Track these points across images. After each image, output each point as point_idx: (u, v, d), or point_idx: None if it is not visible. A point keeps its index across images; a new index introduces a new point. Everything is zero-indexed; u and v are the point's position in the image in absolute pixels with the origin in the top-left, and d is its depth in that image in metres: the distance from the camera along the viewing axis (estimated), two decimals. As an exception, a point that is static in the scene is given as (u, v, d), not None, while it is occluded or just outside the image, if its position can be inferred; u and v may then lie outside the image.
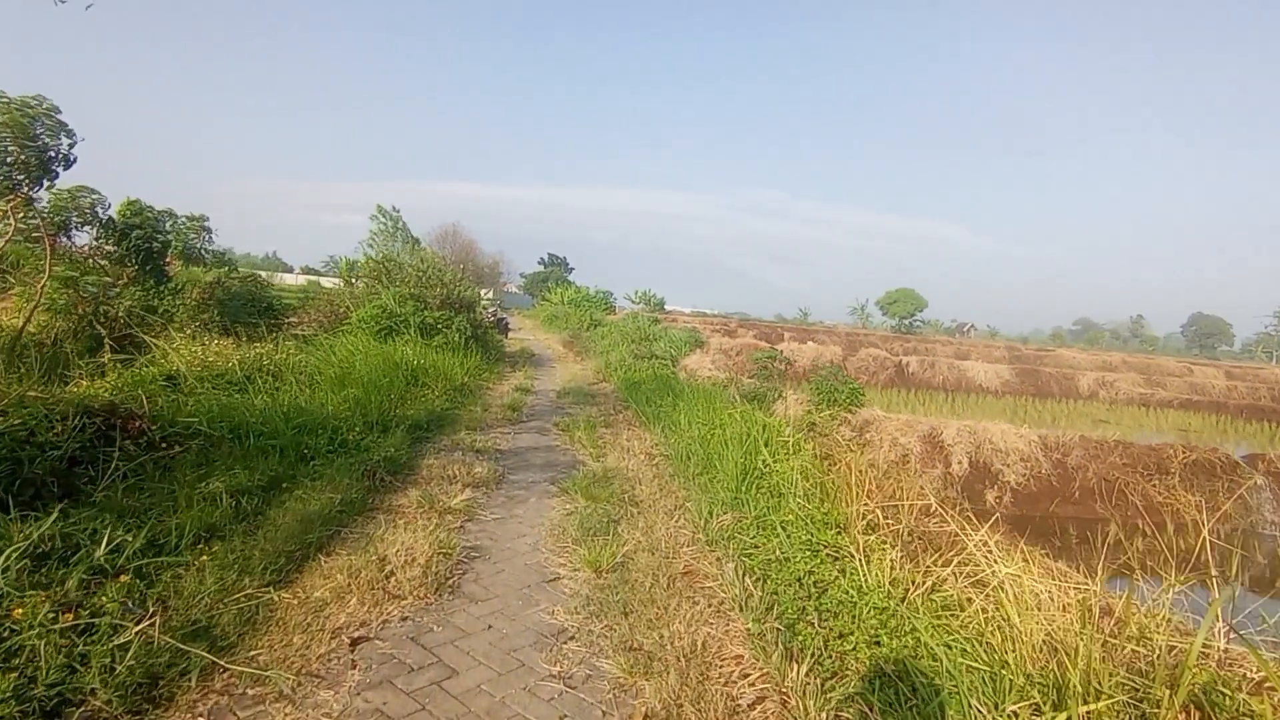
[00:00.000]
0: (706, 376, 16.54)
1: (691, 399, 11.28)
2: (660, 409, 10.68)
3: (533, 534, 5.53)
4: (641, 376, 15.56)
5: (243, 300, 14.29)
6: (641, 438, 9.51)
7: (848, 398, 9.98)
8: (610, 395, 13.76)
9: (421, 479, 6.59)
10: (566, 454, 8.49)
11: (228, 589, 3.73)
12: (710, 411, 9.86)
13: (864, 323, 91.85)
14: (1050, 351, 43.13)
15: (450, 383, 11.68)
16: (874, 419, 9.90)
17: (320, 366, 10.16)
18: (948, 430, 9.50)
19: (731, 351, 23.76)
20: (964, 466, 9.21)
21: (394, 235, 34.74)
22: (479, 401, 11.43)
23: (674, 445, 8.51)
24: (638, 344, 23.09)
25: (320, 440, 6.71)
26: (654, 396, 12.02)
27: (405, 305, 15.27)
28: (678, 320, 41.74)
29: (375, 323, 14.32)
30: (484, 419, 10.10)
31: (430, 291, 16.50)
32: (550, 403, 12.56)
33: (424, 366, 11.63)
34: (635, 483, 7.12)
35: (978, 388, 24.07)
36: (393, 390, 9.51)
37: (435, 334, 15.03)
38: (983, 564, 3.89)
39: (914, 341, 40.26)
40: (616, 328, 27.55)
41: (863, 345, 31.32)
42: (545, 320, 41.48)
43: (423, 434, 8.37)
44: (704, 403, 10.81)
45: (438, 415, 9.41)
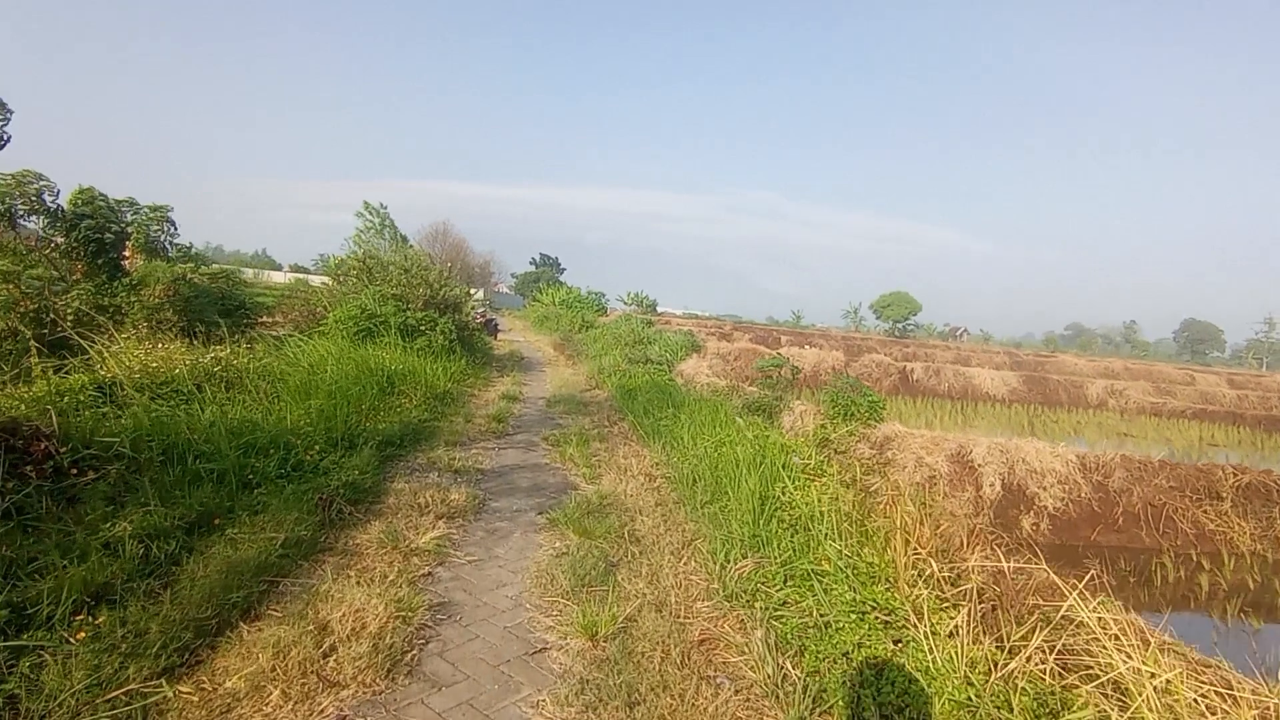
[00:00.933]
0: (705, 383, 15.66)
1: (694, 410, 10.39)
2: (660, 421, 9.78)
3: (515, 582, 4.61)
4: (637, 383, 14.66)
5: (210, 299, 13.29)
6: (640, 455, 8.61)
7: (867, 411, 9.10)
8: (604, 404, 12.85)
9: (388, 508, 5.66)
10: (556, 474, 7.57)
11: (103, 683, 2.80)
12: (716, 426, 8.97)
13: (857, 326, 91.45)
14: (1050, 357, 42.52)
15: (430, 390, 10.74)
16: (895, 435, 9.02)
17: (286, 372, 9.21)
18: (978, 449, 8.63)
19: (730, 356, 22.86)
20: (996, 489, 8.34)
21: (381, 233, 33.59)
22: (462, 411, 10.50)
23: (678, 466, 7.61)
24: (632, 348, 22.19)
25: (270, 462, 5.76)
26: (652, 406, 11.12)
27: (386, 305, 14.32)
28: (671, 323, 40.83)
29: (353, 324, 13.37)
30: (466, 432, 9.17)
31: (413, 291, 15.54)
32: (539, 412, 11.63)
33: (402, 372, 10.69)
34: (635, 512, 6.21)
35: (984, 395, 23.28)
36: (364, 400, 8.57)
37: (418, 336, 14.09)
38: (1098, 646, 3.00)
39: (913, 346, 39.52)
40: (609, 330, 26.64)
41: (864, 351, 30.53)
42: (536, 321, 40.51)
43: (395, 451, 7.43)
44: (708, 415, 9.93)
45: (414, 428, 8.47)
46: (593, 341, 24.01)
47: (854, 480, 6.77)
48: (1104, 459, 8.73)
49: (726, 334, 36.40)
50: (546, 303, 43.70)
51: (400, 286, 15.48)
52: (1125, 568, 7.42)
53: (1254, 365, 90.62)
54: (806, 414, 11.69)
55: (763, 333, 40.32)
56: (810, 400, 16.89)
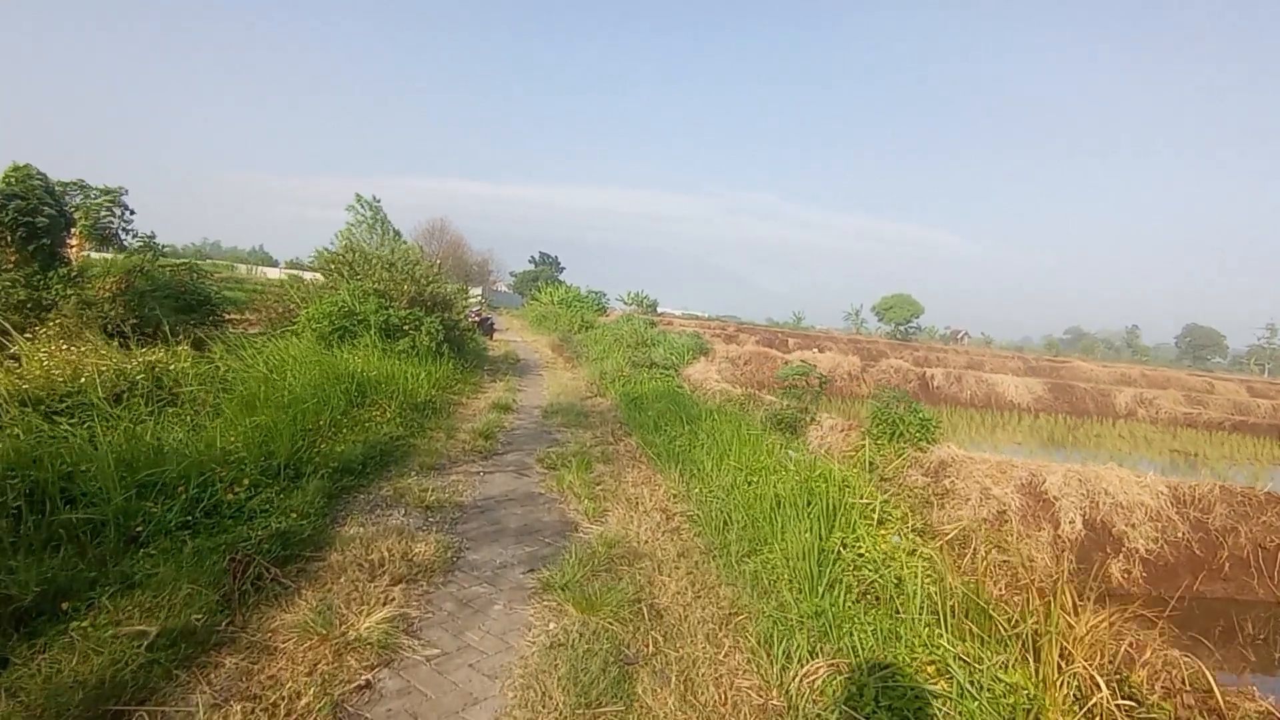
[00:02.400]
0: (717, 390, 14.30)
1: (712, 426, 9.03)
2: (674, 440, 8.41)
3: (492, 696, 3.23)
4: (643, 390, 13.30)
5: (168, 293, 11.92)
6: (652, 482, 7.24)
7: (918, 431, 7.75)
8: (608, 415, 11.47)
9: (329, 569, 4.29)
10: (553, 509, 6.20)
11: None
12: (741, 446, 7.61)
13: (858, 328, 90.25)
14: (1064, 362, 41.17)
15: (409, 400, 9.35)
16: (953, 460, 7.66)
17: (235, 381, 7.84)
18: (1052, 477, 7.27)
19: (739, 360, 21.50)
20: (1077, 527, 6.99)
21: (373, 227, 31.96)
22: (445, 424, 9.11)
23: (701, 501, 6.24)
24: (635, 350, 20.83)
25: (174, 506, 4.37)
26: (663, 420, 9.76)
27: (367, 302, 12.94)
28: (673, 323, 39.45)
29: (328, 322, 11.98)
30: (447, 451, 7.79)
31: (398, 287, 14.15)
32: (534, 425, 10.24)
33: (376, 379, 9.30)
34: (653, 568, 4.84)
35: (1008, 404, 21.91)
36: (323, 414, 7.18)
37: (400, 337, 12.71)
38: None
39: (923, 350, 38.14)
40: (610, 331, 25.27)
41: (876, 355, 29.22)
42: (534, 321, 39.09)
43: (354, 482, 6.04)
44: (729, 432, 8.57)
45: (384, 448, 7.09)
46: (593, 343, 22.63)
47: (915, 521, 5.42)
48: (1199, 490, 7.38)
49: (731, 336, 35.03)
50: (545, 302, 42.28)
51: (383, 282, 14.10)
52: (1252, 630, 6.06)
53: (1255, 371, 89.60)
54: (836, 429, 10.33)
55: (768, 335, 38.92)
56: (837, 412, 15.49)
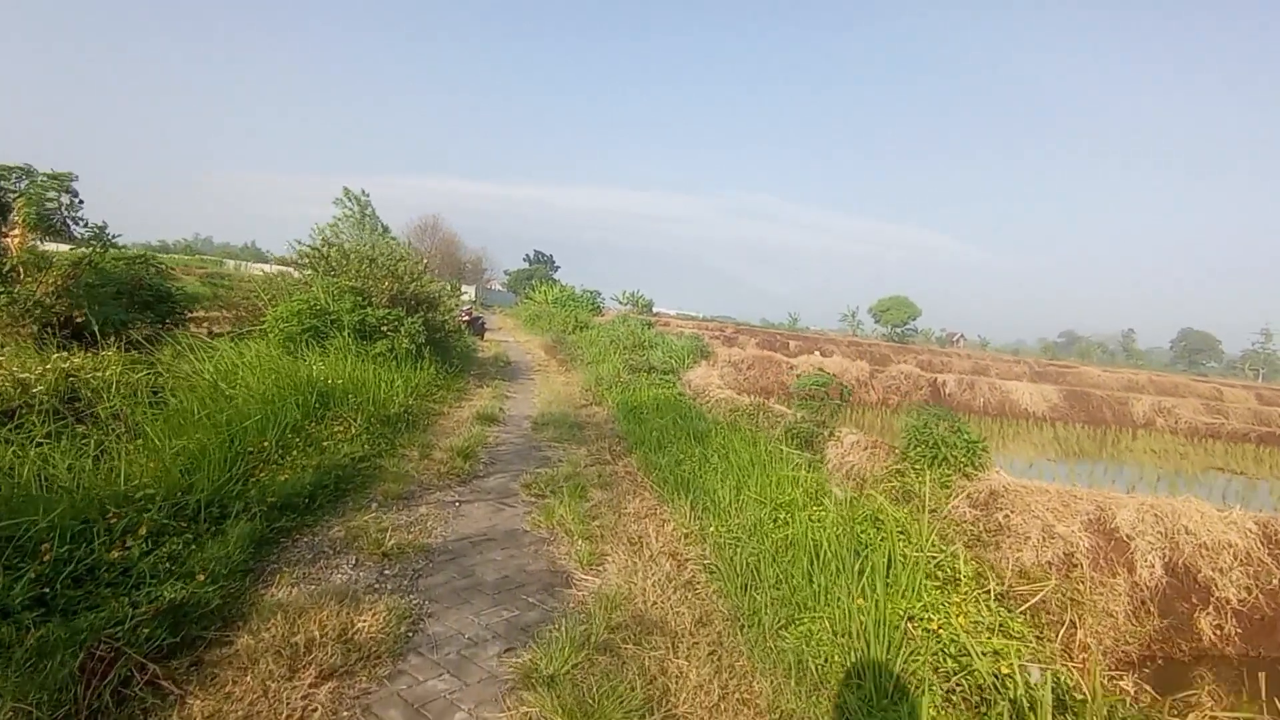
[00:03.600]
0: (722, 399, 13.25)
1: (724, 444, 7.98)
2: (681, 462, 7.35)
3: None
4: (642, 399, 12.24)
5: (120, 289, 10.79)
6: (658, 515, 6.18)
7: (965, 455, 6.70)
8: (604, 427, 10.40)
9: (235, 661, 3.20)
10: (540, 553, 5.12)
11: None
12: (763, 474, 6.57)
13: (855, 330, 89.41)
14: (1071, 367, 40.29)
15: (380, 411, 8.26)
16: (1005, 489, 6.61)
17: (179, 389, 6.75)
18: (1123, 513, 6.23)
19: (741, 365, 20.45)
20: (1157, 573, 5.95)
21: (361, 222, 30.87)
22: (420, 439, 8.03)
23: (720, 547, 5.17)
24: (631, 352, 19.77)
25: (23, 576, 3.28)
26: (667, 437, 8.70)
27: (342, 300, 11.84)
28: (670, 324, 38.36)
29: (297, 322, 10.88)
30: (419, 474, 6.71)
31: (377, 284, 13.04)
32: (522, 439, 9.17)
33: (343, 387, 8.20)
34: (666, 649, 3.77)
35: (1022, 412, 20.93)
36: (270, 432, 6.07)
37: (377, 339, 11.62)
38: None
39: (926, 354, 37.13)
40: (606, 332, 24.20)
41: (880, 358, 28.23)
42: (527, 320, 37.96)
43: (296, 520, 4.96)
44: (744, 451, 7.52)
45: (342, 473, 5.99)
46: (588, 345, 21.55)
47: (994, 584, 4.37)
48: (1291, 527, 6.35)
49: (730, 338, 33.94)
50: (539, 301, 41.16)
51: (362, 278, 12.99)
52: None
53: (1250, 376, 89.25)
54: (859, 446, 9.29)
55: (767, 336, 37.84)
56: (848, 422, 14.45)
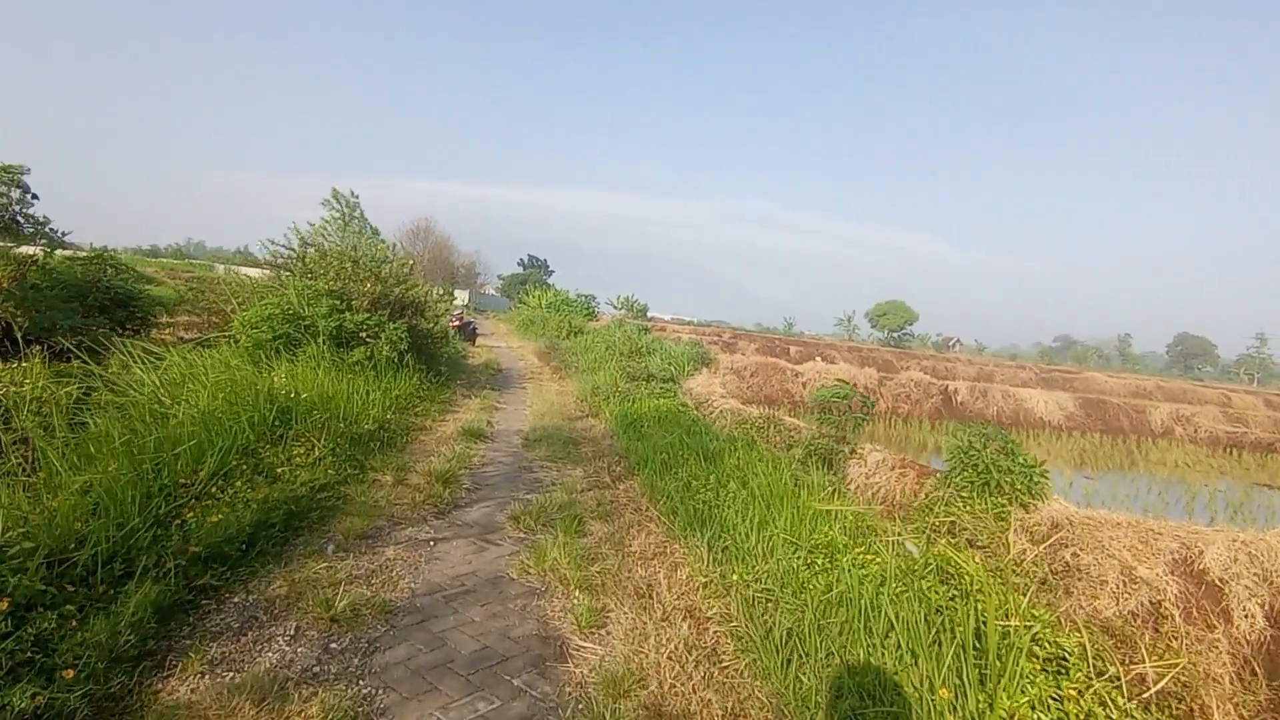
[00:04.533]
0: (727, 409, 12.35)
1: (739, 466, 7.07)
2: (692, 489, 6.44)
3: None
4: (642, 410, 11.32)
5: (74, 291, 9.83)
6: (669, 554, 5.26)
7: (1023, 483, 5.80)
8: (602, 443, 9.48)
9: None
10: (527, 612, 4.19)
11: None
12: (789, 504, 5.66)
13: (851, 334, 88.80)
14: (1077, 374, 39.47)
15: (352, 428, 7.31)
16: (1067, 520, 5.70)
17: (110, 407, 5.81)
18: (1212, 550, 5.33)
19: (744, 372, 19.54)
20: (1258, 624, 5.05)
21: (349, 225, 29.62)
22: (396, 460, 7.09)
23: (748, 603, 4.25)
24: (628, 359, 18.86)
25: None
26: (673, 456, 7.78)
27: (318, 304, 10.90)
28: (666, 329, 37.45)
29: (268, 328, 9.94)
30: (389, 506, 5.77)
31: (359, 287, 12.09)
32: (511, 458, 8.24)
33: (309, 401, 7.24)
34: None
35: (1037, 421, 20.07)
36: (210, 459, 5.12)
37: (356, 346, 10.68)
38: None
39: (930, 360, 36.29)
40: (602, 337, 23.29)
41: (881, 364, 27.38)
42: (520, 325, 37.03)
43: (225, 573, 4.01)
44: (764, 474, 6.61)
45: (295, 507, 5.06)
46: (583, 351, 20.64)
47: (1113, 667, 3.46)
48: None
49: (729, 343, 33.03)
50: (533, 305, 40.19)
51: (342, 280, 12.03)
52: None
53: (1245, 380, 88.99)
54: (885, 466, 8.40)
55: (766, 342, 36.95)
56: (870, 438, 13.58)
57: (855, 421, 8.84)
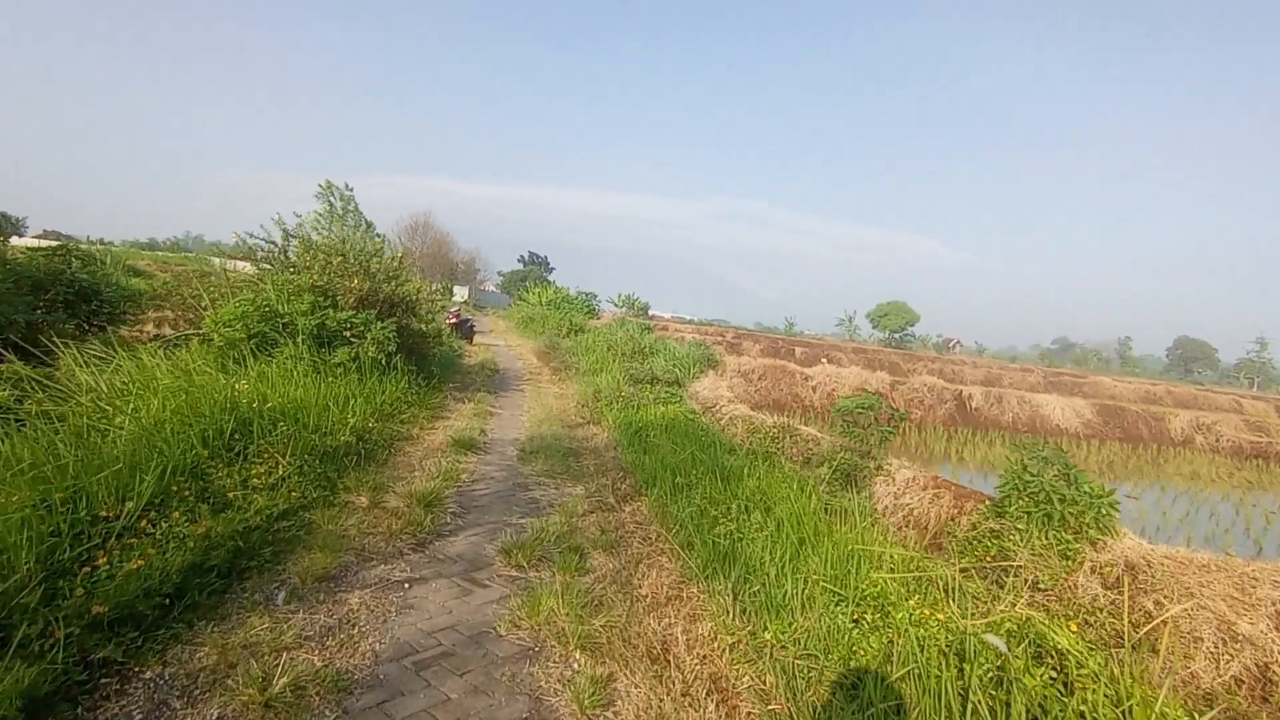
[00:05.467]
0: (738, 416, 11.58)
1: (761, 487, 6.29)
2: (710, 516, 5.66)
3: None
4: (648, 418, 10.55)
5: (29, 283, 9.05)
6: (687, 600, 4.47)
7: (1090, 516, 5.02)
8: (605, 454, 8.69)
9: None
10: (516, 685, 3.41)
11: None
12: (829, 541, 4.89)
13: (851, 335, 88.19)
14: (1083, 377, 38.71)
15: (326, 440, 6.53)
16: (1144, 560, 4.93)
17: (42, 418, 5.04)
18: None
19: (752, 375, 18.75)
20: (1382, 692, 4.27)
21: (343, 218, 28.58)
22: (373, 478, 6.30)
23: (787, 673, 3.48)
24: (630, 360, 18.10)
25: None
26: (685, 473, 7.01)
27: (299, 300, 10.11)
28: (668, 328, 36.63)
29: (242, 326, 9.16)
30: (360, 536, 4.99)
31: (345, 282, 11.28)
32: (505, 473, 7.46)
33: (277, 409, 6.45)
34: None
35: (1053, 429, 19.31)
36: (143, 485, 4.33)
37: (340, 346, 9.89)
38: None
39: (938, 363, 35.53)
40: (603, 336, 22.51)
41: (895, 367, 26.62)
42: (520, 323, 36.20)
43: (137, 640, 3.23)
44: (794, 498, 5.84)
45: (244, 543, 4.28)
46: (584, 351, 19.86)
47: None
48: None
49: (733, 344, 32.28)
50: (532, 303, 39.31)
51: (327, 274, 11.22)
52: None
53: (1245, 385, 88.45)
54: (916, 486, 7.63)
55: (770, 342, 36.16)
56: (895, 451, 12.84)
57: (882, 435, 8.08)
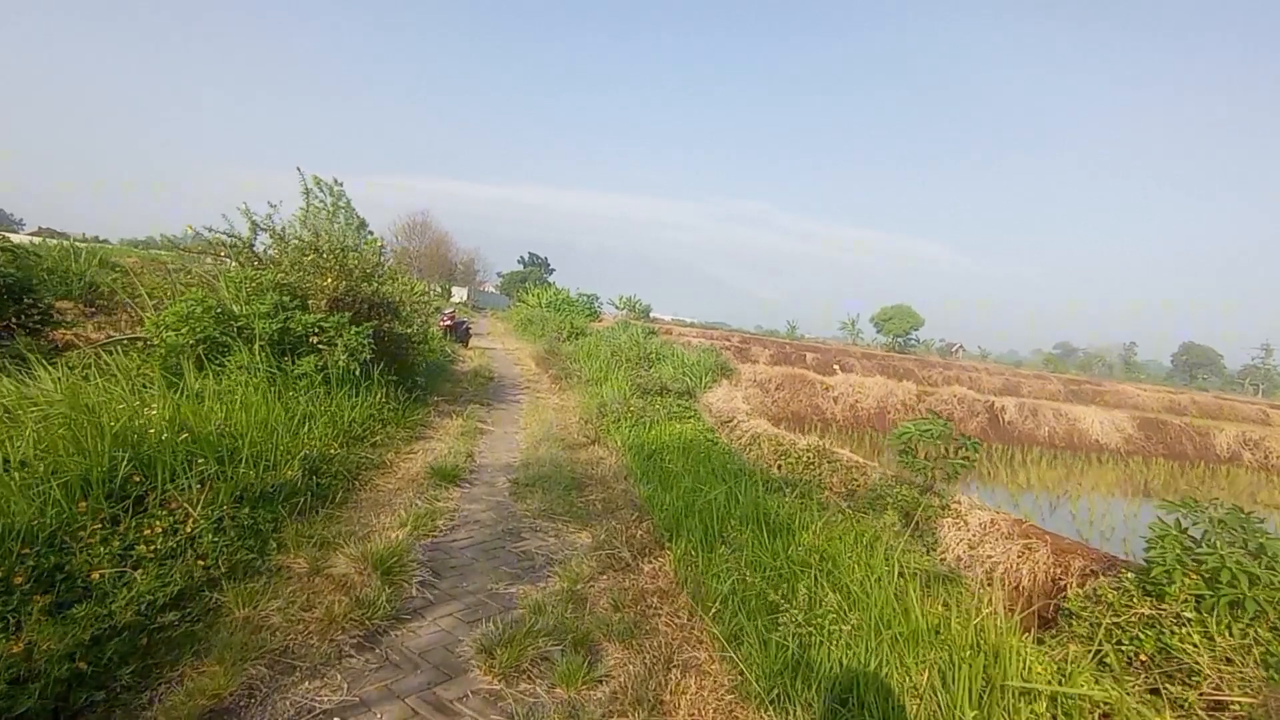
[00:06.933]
0: (762, 434, 10.20)
1: (816, 546, 4.90)
2: (749, 578, 4.26)
3: None
4: (662, 439, 9.16)
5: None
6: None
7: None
8: (614, 486, 7.27)
9: None
10: None
11: None
12: (931, 636, 3.50)
13: (855, 339, 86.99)
14: (1098, 385, 37.32)
15: (265, 479, 5.12)
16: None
17: None
18: None
19: (768, 385, 17.36)
20: None
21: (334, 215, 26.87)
22: (321, 530, 4.89)
23: None
24: (636, 366, 16.72)
25: None
26: (715, 519, 5.61)
27: (260, 301, 8.72)
28: (673, 332, 35.20)
29: (188, 330, 7.78)
30: (285, 628, 3.58)
31: (317, 280, 9.87)
32: (493, 514, 6.05)
33: (193, 442, 5.03)
34: None
35: (1093, 443, 17.93)
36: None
37: (305, 354, 8.51)
38: None
39: (955, 370, 34.15)
40: (606, 340, 21.10)
41: (915, 375, 25.24)
42: (519, 325, 34.76)
43: None
44: (867, 559, 4.45)
45: (90, 662, 2.90)
46: (586, 356, 18.41)
47: None
48: None
49: (740, 348, 30.84)
50: (532, 304, 37.86)
51: (298, 271, 9.80)
52: None
53: (1250, 391, 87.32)
54: (997, 531, 6.25)
55: (779, 348, 34.71)
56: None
57: (953, 469, 6.71)
